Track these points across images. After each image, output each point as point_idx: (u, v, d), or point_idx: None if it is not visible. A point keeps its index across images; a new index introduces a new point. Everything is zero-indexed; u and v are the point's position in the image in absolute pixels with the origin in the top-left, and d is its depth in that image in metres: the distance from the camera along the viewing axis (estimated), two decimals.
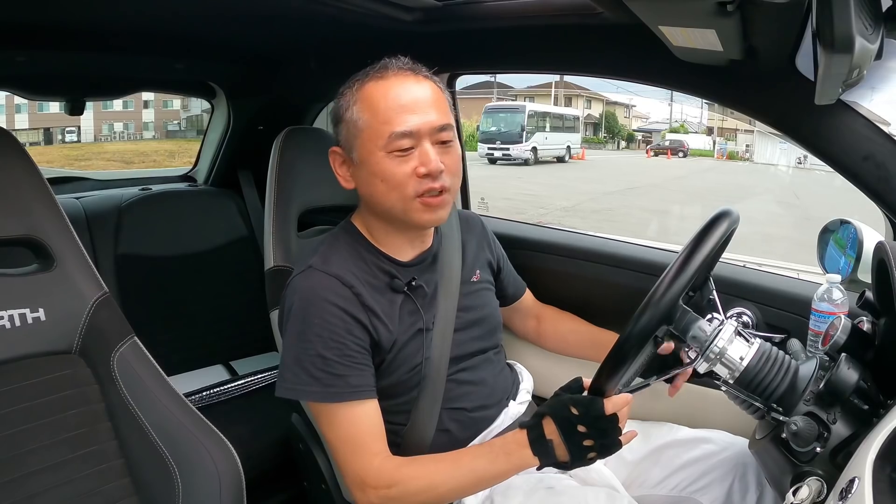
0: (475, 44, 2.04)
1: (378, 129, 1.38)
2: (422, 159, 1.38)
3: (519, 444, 1.29)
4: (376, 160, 1.38)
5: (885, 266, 1.24)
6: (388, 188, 1.39)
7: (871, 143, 1.50)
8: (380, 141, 1.37)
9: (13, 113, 11.15)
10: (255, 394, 2.53)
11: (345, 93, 1.45)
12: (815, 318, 1.56)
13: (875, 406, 1.18)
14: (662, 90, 18.54)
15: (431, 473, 1.35)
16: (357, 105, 1.41)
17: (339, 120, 1.45)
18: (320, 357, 1.35)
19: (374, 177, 1.40)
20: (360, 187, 1.46)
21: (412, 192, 1.39)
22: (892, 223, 1.60)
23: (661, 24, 1.36)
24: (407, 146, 1.38)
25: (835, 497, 0.99)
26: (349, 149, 1.44)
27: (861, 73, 1.11)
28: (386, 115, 1.38)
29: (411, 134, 1.37)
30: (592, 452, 1.26)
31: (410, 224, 1.44)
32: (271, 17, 1.97)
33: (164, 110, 17.62)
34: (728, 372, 1.28)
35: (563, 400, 1.27)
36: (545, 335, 1.90)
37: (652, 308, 1.19)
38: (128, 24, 2.04)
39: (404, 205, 1.40)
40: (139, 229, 2.64)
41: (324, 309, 1.37)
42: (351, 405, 1.36)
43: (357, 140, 1.41)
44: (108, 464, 1.37)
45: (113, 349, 1.44)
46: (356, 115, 1.41)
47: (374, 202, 1.44)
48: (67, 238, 1.46)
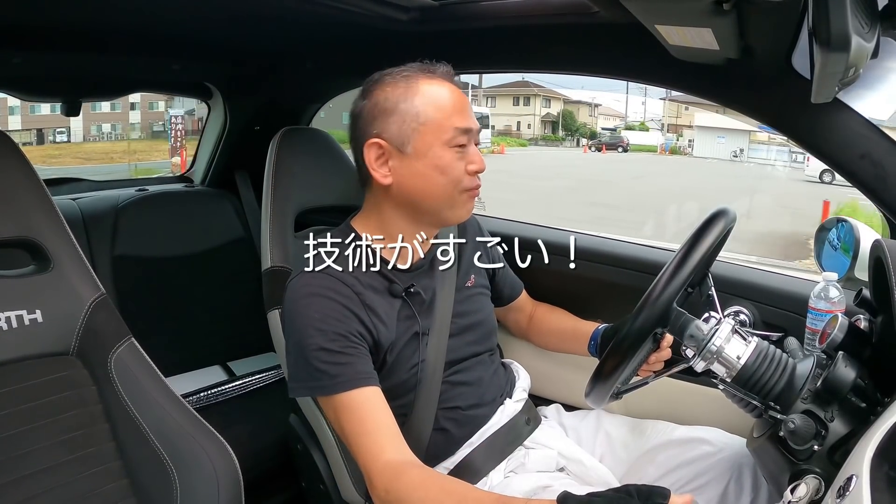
0: (472, 44, 2.04)
1: (443, 123, 1.42)
2: (474, 158, 1.46)
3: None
4: (438, 153, 1.42)
5: (881, 264, 1.24)
6: (448, 181, 1.43)
7: (867, 141, 1.50)
8: (444, 135, 1.42)
9: (6, 115, 12.42)
10: (253, 394, 2.53)
11: (387, 83, 1.46)
12: (813, 317, 1.56)
13: (872, 404, 1.19)
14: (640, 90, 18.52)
15: (432, 500, 1.24)
16: (418, 98, 1.43)
17: (386, 111, 1.44)
18: (323, 350, 1.35)
19: (434, 170, 1.42)
20: (409, 181, 1.45)
21: (465, 186, 1.45)
22: (888, 221, 1.60)
23: (657, 23, 1.37)
24: (464, 142, 1.43)
25: (833, 495, 0.99)
26: (402, 141, 1.43)
27: (857, 72, 1.11)
28: (452, 111, 1.43)
29: (470, 132, 1.44)
30: None
31: (450, 218, 1.50)
32: (267, 18, 1.97)
33: (150, 112, 18.20)
34: (725, 370, 1.28)
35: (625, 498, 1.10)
36: (532, 330, 1.90)
37: (648, 308, 1.20)
38: (124, 24, 2.04)
39: (454, 198, 1.46)
40: (136, 230, 2.63)
41: (324, 305, 1.37)
42: (356, 392, 1.36)
43: (416, 132, 1.42)
44: (105, 465, 1.37)
45: (110, 350, 1.44)
46: (417, 108, 1.42)
47: (423, 195, 1.45)
48: (64, 239, 1.46)
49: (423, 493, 1.26)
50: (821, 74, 1.13)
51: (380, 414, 1.37)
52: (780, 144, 22.61)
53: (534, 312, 1.90)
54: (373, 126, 1.45)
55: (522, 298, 1.89)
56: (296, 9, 1.78)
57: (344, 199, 1.95)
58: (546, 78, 48.06)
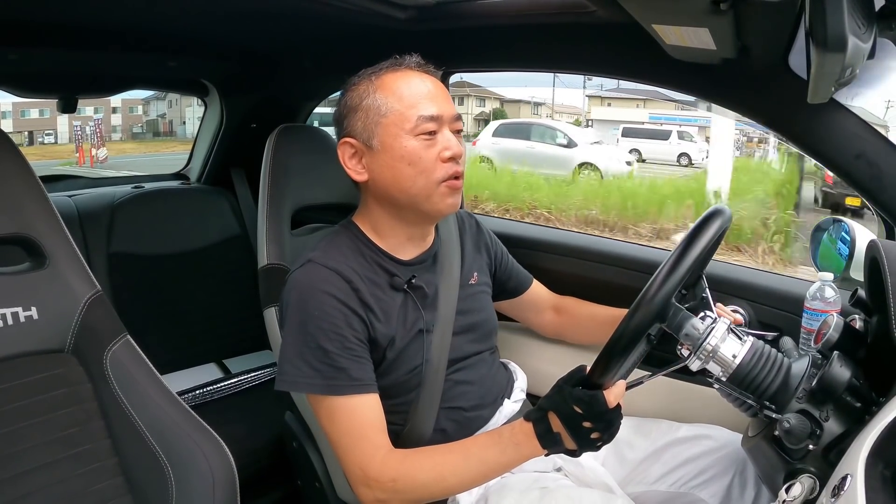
0: (469, 42, 2.04)
1: (404, 113, 1.40)
2: (446, 144, 1.42)
3: (527, 435, 1.28)
4: (402, 144, 1.40)
5: (877, 264, 1.24)
6: (416, 171, 1.41)
7: (863, 141, 1.50)
8: (407, 124, 1.40)
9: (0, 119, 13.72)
10: (249, 392, 2.53)
11: (357, 83, 1.46)
12: (808, 316, 1.57)
13: (867, 404, 1.19)
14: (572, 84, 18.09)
15: (440, 465, 1.35)
16: (379, 92, 1.42)
17: (352, 109, 1.45)
18: (321, 349, 1.35)
19: (401, 161, 1.41)
20: (380, 175, 1.45)
21: (440, 175, 1.41)
22: (884, 221, 1.61)
23: (654, 23, 1.37)
24: (432, 129, 1.41)
25: (827, 494, 0.99)
26: (368, 136, 1.43)
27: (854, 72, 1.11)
28: (411, 100, 1.41)
29: (436, 118, 1.41)
30: (599, 442, 1.26)
31: (430, 211, 1.46)
32: (265, 15, 1.97)
33: (130, 115, 19.29)
34: (721, 370, 1.28)
35: (564, 396, 1.25)
36: (566, 326, 1.88)
37: (645, 306, 1.19)
38: (121, 21, 2.04)
39: (430, 189, 1.42)
40: (132, 228, 2.63)
41: (323, 301, 1.37)
42: (352, 398, 1.36)
43: (379, 126, 1.42)
44: (101, 463, 1.37)
45: (106, 348, 1.44)
46: (379, 102, 1.42)
47: (396, 189, 1.44)
48: (60, 236, 1.46)
49: (430, 463, 1.35)
50: (817, 75, 1.13)
51: (376, 419, 1.39)
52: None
53: (560, 308, 1.89)
54: (343, 126, 1.47)
55: (538, 292, 1.88)
56: (294, 6, 1.78)
57: (340, 196, 1.95)
58: (484, 77, 47.97)
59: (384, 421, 1.40)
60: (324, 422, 1.41)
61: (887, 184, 1.50)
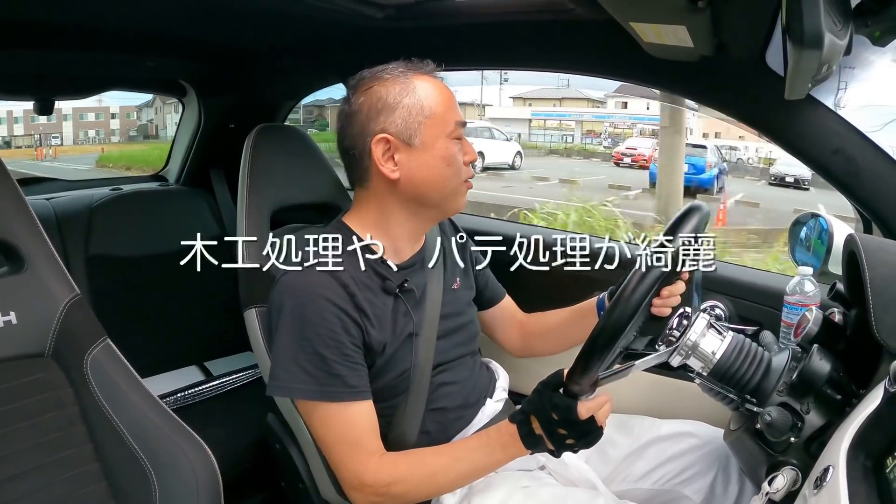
0: (447, 41, 2.04)
1: (445, 116, 1.44)
2: (468, 149, 1.50)
3: (512, 436, 1.32)
4: (444, 145, 1.44)
5: (855, 258, 1.26)
6: (452, 172, 1.45)
7: (840, 137, 1.52)
8: (447, 127, 1.44)
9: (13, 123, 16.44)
10: (231, 394, 2.51)
11: (388, 80, 1.45)
12: (788, 311, 1.58)
13: (847, 396, 1.20)
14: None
15: (431, 468, 1.38)
16: (418, 93, 1.43)
17: (389, 106, 1.43)
18: (318, 355, 1.34)
19: (441, 160, 1.44)
20: (416, 173, 1.44)
21: (464, 176, 1.49)
22: (861, 216, 1.63)
23: (632, 21, 1.38)
24: (461, 135, 1.47)
25: (810, 485, 1.00)
26: (410, 134, 1.43)
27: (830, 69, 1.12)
28: (449, 105, 1.46)
29: (465, 125, 1.48)
30: (576, 447, 1.31)
31: (451, 209, 1.53)
32: (242, 14, 1.96)
33: (128, 120, 20.56)
34: (701, 365, 1.29)
35: (543, 401, 1.29)
36: (531, 336, 1.85)
37: (623, 303, 1.20)
38: (98, 21, 2.01)
39: (457, 188, 1.48)
40: (110, 230, 2.60)
41: (321, 307, 1.35)
42: (348, 405, 1.36)
43: (422, 125, 1.42)
44: (83, 468, 1.35)
45: (86, 352, 1.42)
46: (422, 102, 1.43)
47: (431, 186, 1.46)
48: (38, 240, 1.44)
49: (423, 467, 1.39)
50: (794, 71, 1.14)
51: (370, 426, 1.39)
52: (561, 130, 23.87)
53: (525, 322, 1.87)
54: (376, 122, 1.43)
55: (509, 306, 1.86)
56: (271, 5, 1.77)
57: (319, 196, 1.95)
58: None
59: (377, 425, 1.41)
60: (317, 428, 1.41)
61: (864, 179, 1.52)
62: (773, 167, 16.36)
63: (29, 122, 16.94)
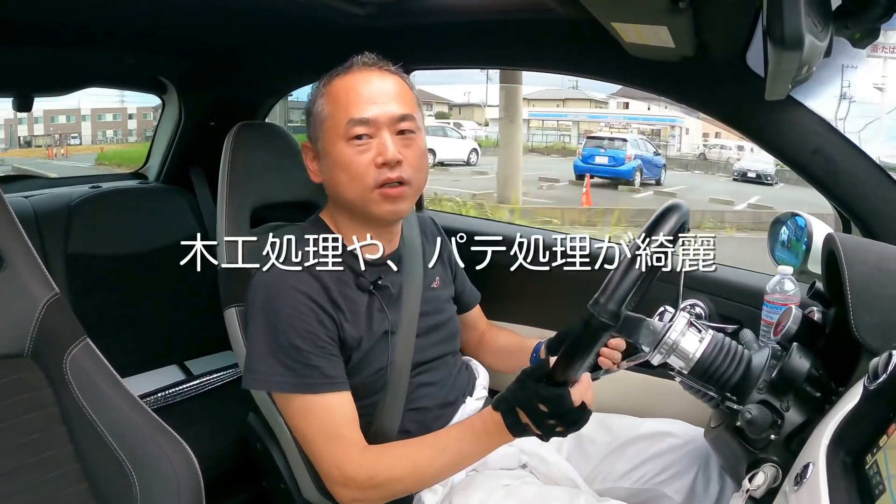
0: (429, 39, 2.03)
1: (337, 117, 1.40)
2: (379, 149, 1.39)
3: (497, 425, 1.31)
4: (338, 150, 1.40)
5: (834, 257, 1.27)
6: (349, 178, 1.40)
7: (819, 137, 1.54)
8: (339, 129, 1.40)
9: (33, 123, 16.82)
10: (211, 394, 2.49)
11: (315, 89, 1.48)
12: (768, 309, 1.59)
13: (827, 393, 1.21)
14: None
15: (415, 459, 1.36)
16: (323, 98, 1.43)
17: (308, 114, 1.48)
18: (294, 347, 1.34)
19: (336, 166, 1.41)
20: (326, 180, 1.47)
21: (371, 182, 1.39)
22: (840, 215, 1.64)
23: (613, 21, 1.38)
24: (363, 133, 1.39)
25: (790, 482, 1.01)
26: (315, 140, 1.46)
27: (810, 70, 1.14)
28: (346, 104, 1.40)
29: (368, 122, 1.39)
30: (565, 433, 1.28)
31: (371, 216, 1.45)
32: (223, 11, 1.95)
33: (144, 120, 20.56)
34: (682, 363, 1.30)
35: (529, 393, 1.26)
36: (482, 349, 1.86)
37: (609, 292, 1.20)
38: (77, 17, 2.00)
39: (364, 195, 1.41)
40: (89, 228, 2.58)
41: (295, 299, 1.36)
42: (326, 396, 1.36)
43: (320, 131, 1.43)
44: (64, 469, 1.34)
45: (65, 351, 1.41)
46: (321, 108, 1.43)
47: (337, 194, 1.45)
48: (16, 238, 1.42)
49: (406, 458, 1.37)
50: (774, 72, 1.15)
51: (349, 417, 1.38)
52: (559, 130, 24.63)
53: (485, 332, 1.88)
54: (307, 128, 1.50)
55: (476, 314, 1.87)
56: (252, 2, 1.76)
57: (300, 195, 1.94)
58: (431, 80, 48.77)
59: (357, 418, 1.40)
60: (296, 421, 1.40)
61: (843, 179, 1.54)
62: (737, 164, 16.85)
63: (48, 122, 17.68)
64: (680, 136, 22.60)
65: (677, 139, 22.67)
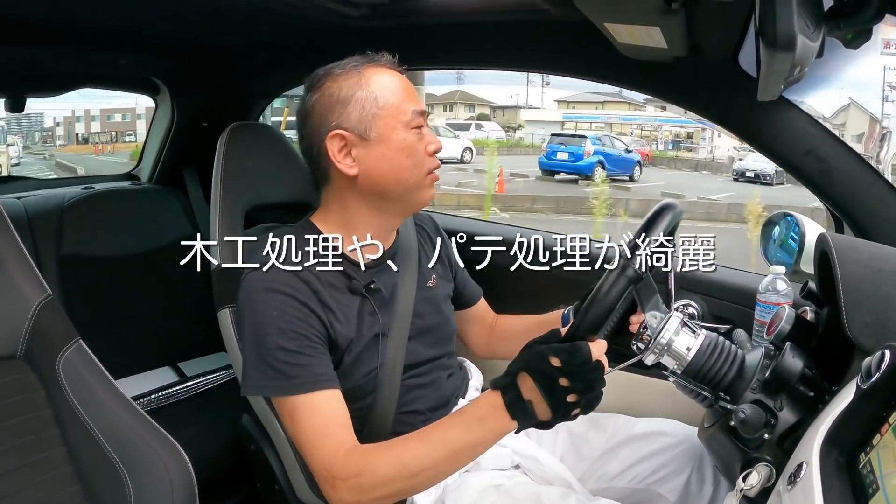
0: (422, 40, 2.03)
1: (401, 106, 1.42)
2: (430, 138, 1.47)
3: (494, 406, 1.21)
4: (402, 136, 1.42)
5: (827, 257, 1.27)
6: (413, 163, 1.43)
7: (812, 138, 1.54)
8: (404, 117, 1.41)
9: (90, 121, 19.31)
10: (205, 395, 2.49)
11: (341, 75, 1.43)
12: (761, 309, 1.60)
13: (820, 393, 1.22)
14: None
15: (401, 454, 1.27)
16: (371, 85, 1.42)
17: (342, 101, 1.42)
18: (281, 349, 1.33)
19: (400, 152, 1.42)
20: (374, 168, 1.43)
21: (427, 167, 1.46)
22: (833, 215, 1.65)
23: (606, 22, 1.38)
24: (421, 124, 1.44)
25: (784, 482, 1.02)
26: (364, 128, 1.41)
27: (803, 71, 1.14)
28: (405, 94, 1.44)
29: (424, 114, 1.45)
30: (576, 409, 1.19)
31: (416, 202, 1.49)
32: (216, 11, 1.94)
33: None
34: (675, 363, 1.30)
35: (539, 351, 1.19)
36: (496, 338, 1.85)
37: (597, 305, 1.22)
38: (69, 17, 1.99)
39: (420, 180, 1.46)
40: (82, 229, 2.58)
41: (282, 301, 1.35)
42: (314, 395, 1.34)
43: (377, 117, 1.41)
44: (57, 471, 1.34)
45: (58, 353, 1.40)
46: (375, 93, 1.41)
47: (392, 180, 1.44)
48: (8, 239, 1.42)
49: (391, 454, 1.28)
50: (767, 73, 1.16)
51: (339, 416, 1.36)
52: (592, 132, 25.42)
53: (495, 322, 1.87)
54: (330, 118, 1.42)
55: (482, 307, 1.86)
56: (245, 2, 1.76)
57: (294, 195, 1.93)
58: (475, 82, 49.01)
59: (348, 417, 1.37)
60: (287, 422, 1.39)
61: (836, 179, 1.54)
62: (737, 163, 17.12)
63: (105, 119, 19.72)
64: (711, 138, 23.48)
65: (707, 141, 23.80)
